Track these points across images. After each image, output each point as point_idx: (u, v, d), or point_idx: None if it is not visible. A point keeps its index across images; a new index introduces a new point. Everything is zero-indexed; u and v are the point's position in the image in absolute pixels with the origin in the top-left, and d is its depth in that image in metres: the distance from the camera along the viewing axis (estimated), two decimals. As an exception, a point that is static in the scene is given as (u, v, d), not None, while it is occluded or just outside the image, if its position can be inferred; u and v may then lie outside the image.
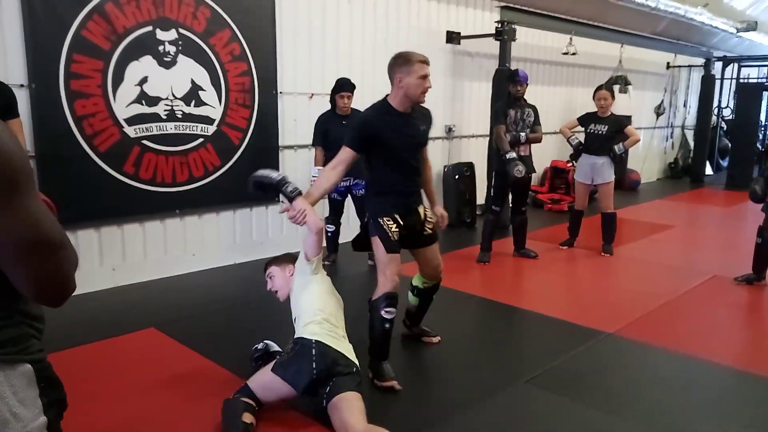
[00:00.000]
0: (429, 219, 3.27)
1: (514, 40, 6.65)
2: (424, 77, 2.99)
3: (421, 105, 3.22)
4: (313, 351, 2.58)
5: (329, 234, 5.02)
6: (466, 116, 7.22)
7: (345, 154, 3.02)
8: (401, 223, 3.09)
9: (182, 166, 4.63)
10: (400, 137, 3.04)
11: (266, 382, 2.59)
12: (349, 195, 4.96)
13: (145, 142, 4.40)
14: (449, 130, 7.04)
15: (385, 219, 3.06)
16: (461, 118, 7.16)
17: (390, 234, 3.05)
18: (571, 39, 7.71)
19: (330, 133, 4.63)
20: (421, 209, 3.24)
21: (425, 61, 3.03)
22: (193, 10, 4.52)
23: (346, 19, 5.68)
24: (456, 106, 7.10)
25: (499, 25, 6.59)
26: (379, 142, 3.00)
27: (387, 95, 3.10)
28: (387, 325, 3.04)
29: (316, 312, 2.72)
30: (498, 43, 6.61)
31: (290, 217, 2.80)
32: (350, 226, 5.25)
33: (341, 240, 5.09)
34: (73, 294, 1.03)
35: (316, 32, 5.40)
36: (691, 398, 2.93)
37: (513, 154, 5.01)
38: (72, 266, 0.99)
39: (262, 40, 4.99)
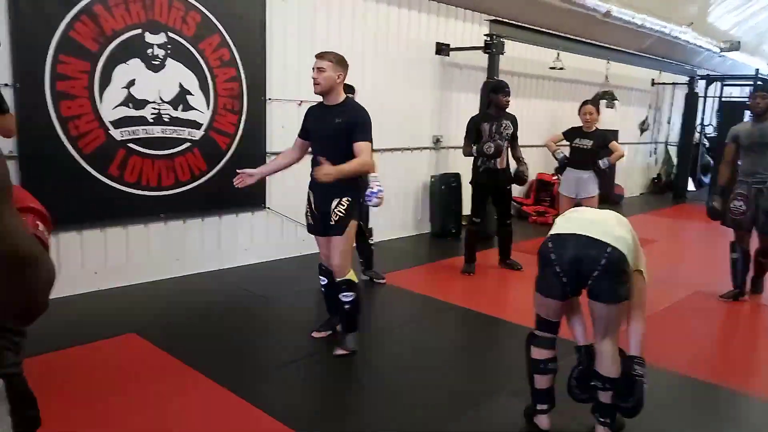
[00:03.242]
0: (336, 211, 3.35)
1: (503, 54, 6.72)
2: (313, 69, 3.30)
3: (349, 105, 3.44)
4: (549, 248, 2.45)
5: None
6: (454, 127, 7.25)
7: (296, 140, 3.58)
8: (312, 206, 3.46)
9: (168, 170, 4.60)
10: (315, 126, 3.43)
11: (538, 304, 2.62)
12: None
13: (131, 145, 4.37)
14: (437, 140, 7.08)
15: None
16: (449, 129, 7.19)
17: (305, 215, 3.53)
18: (558, 54, 7.80)
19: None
20: (335, 202, 3.35)
21: (318, 55, 3.34)
22: (183, 15, 4.51)
23: (336, 28, 5.70)
24: (444, 116, 7.15)
25: (488, 39, 6.67)
26: (305, 128, 3.50)
27: None
28: (322, 289, 3.66)
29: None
30: (486, 56, 6.68)
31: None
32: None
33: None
34: (53, 297, 1.00)
35: (305, 40, 5.41)
36: (671, 412, 2.95)
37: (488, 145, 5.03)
38: (45, 284, 0.91)
39: (252, 46, 4.99)
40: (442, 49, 6.80)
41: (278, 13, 5.15)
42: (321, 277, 3.61)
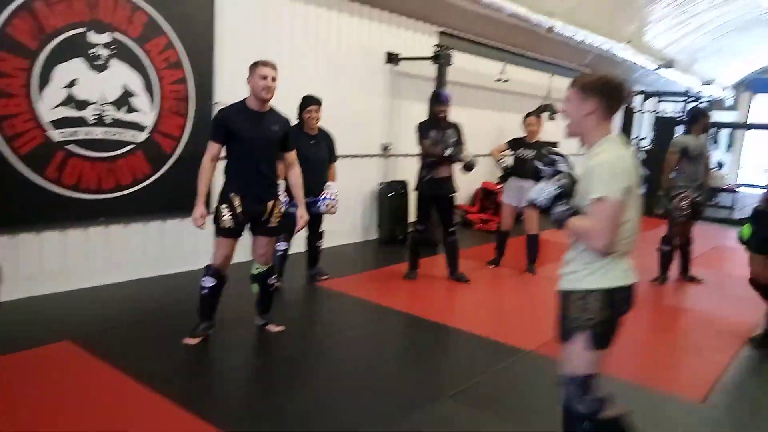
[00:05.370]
0: (277, 213, 3.70)
1: (450, 65, 6.88)
2: (264, 77, 3.41)
3: (280, 113, 3.66)
4: None
5: (281, 251, 4.73)
6: (403, 135, 7.35)
7: (211, 148, 3.54)
8: (238, 210, 3.53)
9: (109, 173, 4.48)
10: (249, 132, 3.49)
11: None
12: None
13: (70, 147, 4.24)
14: (385, 148, 7.16)
15: (222, 206, 3.55)
16: (398, 137, 7.30)
17: (221, 221, 3.53)
18: (504, 67, 8.04)
19: (298, 150, 4.25)
20: (270, 203, 3.64)
21: (268, 64, 3.47)
22: (129, 15, 4.42)
23: (287, 34, 5.70)
24: (393, 124, 7.24)
25: (437, 49, 6.82)
26: (232, 134, 3.48)
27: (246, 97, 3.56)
28: (204, 291, 3.63)
29: None
30: (435, 66, 6.83)
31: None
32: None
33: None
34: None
35: (256, 46, 5.37)
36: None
37: (449, 150, 5.12)
38: None
39: (200, 49, 4.93)
40: (392, 58, 6.90)
41: (228, 16, 5.11)
42: (209, 278, 3.62)
